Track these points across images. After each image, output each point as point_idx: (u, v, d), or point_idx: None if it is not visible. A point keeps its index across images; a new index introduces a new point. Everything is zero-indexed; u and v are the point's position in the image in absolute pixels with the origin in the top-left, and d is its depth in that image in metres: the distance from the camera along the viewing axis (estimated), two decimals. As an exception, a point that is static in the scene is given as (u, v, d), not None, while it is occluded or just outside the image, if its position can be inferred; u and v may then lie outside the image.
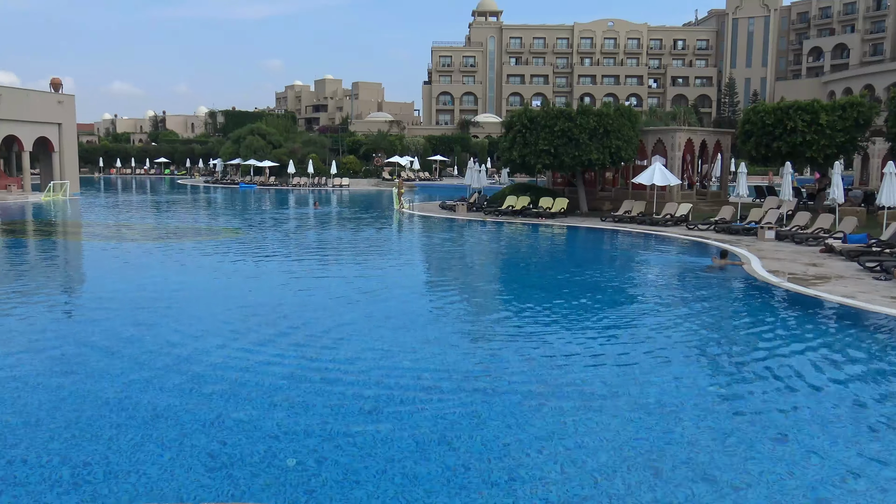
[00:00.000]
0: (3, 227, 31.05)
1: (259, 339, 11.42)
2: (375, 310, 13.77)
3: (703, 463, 6.94)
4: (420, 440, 7.41)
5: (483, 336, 12.10)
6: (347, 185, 67.39)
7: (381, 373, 9.65)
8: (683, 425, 7.88)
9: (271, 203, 47.79)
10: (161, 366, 9.82)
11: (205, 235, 28.11)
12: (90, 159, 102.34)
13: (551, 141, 32.41)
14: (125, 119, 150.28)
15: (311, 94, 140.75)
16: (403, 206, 40.16)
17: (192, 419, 7.87)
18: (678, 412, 8.27)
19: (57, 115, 52.10)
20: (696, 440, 7.49)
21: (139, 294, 15.14)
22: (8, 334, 11.76)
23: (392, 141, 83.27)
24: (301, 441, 7.35)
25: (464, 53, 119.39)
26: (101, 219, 35.58)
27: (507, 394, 8.86)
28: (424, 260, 22.78)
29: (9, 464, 6.71)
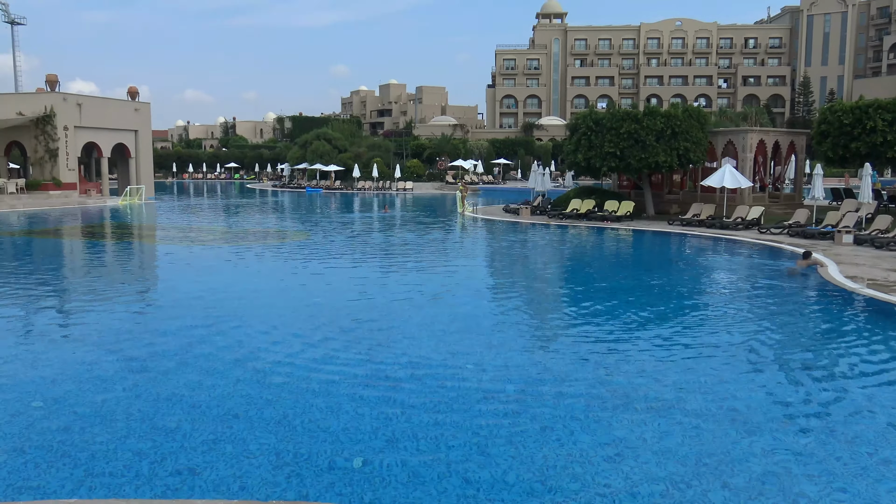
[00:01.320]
0: (83, 230, 32.42)
1: (324, 340, 11.58)
2: (439, 313, 13.80)
3: (779, 475, 6.70)
4: (483, 444, 7.37)
5: (548, 341, 11.99)
6: (411, 188, 67.87)
7: (444, 376, 9.66)
8: (758, 437, 7.62)
9: (337, 206, 48.54)
10: (231, 365, 10.06)
11: (272, 238, 28.73)
12: (164, 164, 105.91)
13: (617, 143, 31.94)
14: (197, 125, 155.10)
15: (376, 98, 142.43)
16: (467, 209, 40.19)
17: (259, 418, 8.03)
18: (750, 422, 8.00)
19: (134, 122, 54.13)
20: (773, 451, 7.23)
21: (210, 295, 15.55)
22: (87, 333, 12.25)
23: (455, 144, 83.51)
24: (366, 442, 7.41)
25: (528, 56, 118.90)
26: (175, 222, 36.77)
27: (572, 399, 8.74)
28: (488, 263, 22.74)
29: (91, 457, 6.97)
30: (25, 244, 27.11)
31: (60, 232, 31.42)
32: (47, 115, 47.37)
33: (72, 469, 6.71)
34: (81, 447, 7.19)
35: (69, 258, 24.08)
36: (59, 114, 47.59)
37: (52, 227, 33.21)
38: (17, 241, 28.07)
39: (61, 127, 47.75)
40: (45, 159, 47.97)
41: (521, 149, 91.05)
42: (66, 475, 6.58)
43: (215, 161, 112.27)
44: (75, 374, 9.64)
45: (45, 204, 44.43)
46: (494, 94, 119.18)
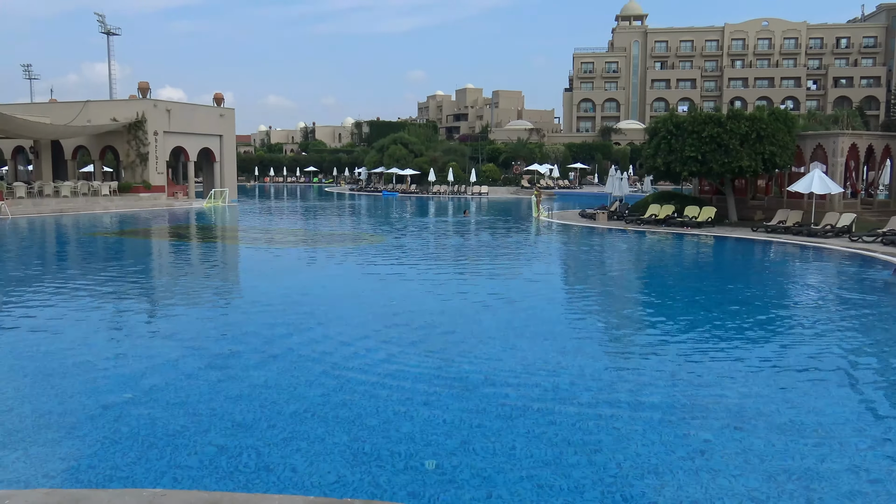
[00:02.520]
0: (170, 231, 33.75)
1: (399, 341, 11.67)
2: (514, 318, 13.72)
3: (866, 495, 6.35)
4: (557, 451, 7.27)
5: (624, 349, 11.75)
6: (486, 192, 67.86)
7: (518, 381, 9.59)
8: (846, 454, 7.25)
9: (413, 210, 48.98)
10: (307, 364, 10.25)
11: (350, 241, 29.20)
12: (246, 168, 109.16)
13: (699, 147, 31.12)
14: (278, 130, 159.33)
15: (452, 103, 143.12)
16: (542, 214, 39.89)
17: (335, 417, 8.15)
18: (839, 439, 7.62)
19: (219, 127, 56.05)
20: (861, 470, 6.86)
21: (288, 296, 15.91)
22: (174, 329, 12.72)
23: (531, 149, 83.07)
24: (440, 444, 7.42)
25: (606, 59, 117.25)
26: (256, 224, 37.85)
27: (648, 409, 8.53)
28: (563, 268, 22.48)
29: (174, 449, 7.21)
30: (117, 244, 28.40)
31: (149, 233, 32.79)
32: (139, 121, 49.57)
33: (157, 460, 6.96)
34: (166, 439, 7.45)
35: (157, 258, 25.10)
36: (149, 119, 49.73)
37: (141, 227, 34.71)
38: (109, 240, 29.43)
39: (151, 132, 49.88)
40: (136, 163, 50.19)
41: (599, 153, 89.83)
42: (152, 466, 6.83)
43: (295, 165, 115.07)
44: (162, 369, 10.01)
45: (136, 206, 46.46)
46: (571, 98, 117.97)
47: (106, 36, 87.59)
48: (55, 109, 52.64)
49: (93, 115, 50.30)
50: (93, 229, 33.04)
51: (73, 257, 24.38)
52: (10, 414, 8.14)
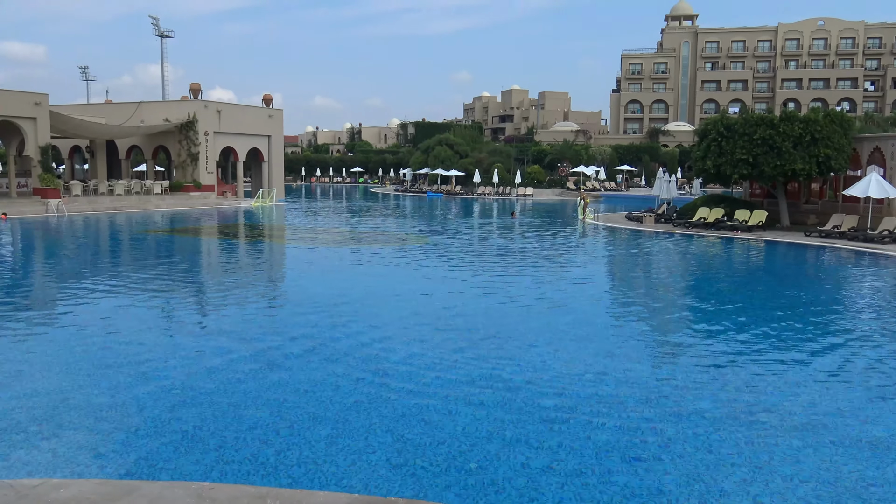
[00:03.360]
0: (219, 229, 34.38)
1: (443, 342, 11.67)
2: (558, 320, 13.61)
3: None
4: (602, 455, 7.17)
5: (670, 353, 11.55)
6: (531, 194, 67.56)
7: (562, 383, 9.50)
8: None
9: (457, 211, 49.00)
10: (353, 363, 10.32)
11: (394, 241, 29.35)
12: (293, 168, 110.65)
13: (750, 150, 30.48)
14: (325, 131, 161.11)
15: (498, 104, 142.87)
16: (588, 216, 39.54)
17: (379, 416, 8.18)
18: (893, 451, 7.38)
19: (267, 128, 56.93)
20: (921, 484, 6.62)
21: (334, 295, 16.05)
22: (222, 326, 12.94)
23: (577, 150, 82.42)
24: (483, 445, 7.39)
25: (655, 60, 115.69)
26: (302, 223, 38.31)
27: (694, 415, 8.37)
28: (609, 271, 22.23)
29: (220, 446, 7.33)
30: (168, 242, 29.04)
31: (199, 231, 33.45)
32: (190, 122, 50.64)
33: (204, 454, 7.07)
34: (214, 434, 7.58)
35: (206, 256, 25.58)
36: (200, 120, 50.76)
37: (191, 226, 35.43)
38: (160, 238, 30.11)
39: (202, 132, 50.90)
40: (187, 163, 51.28)
41: (646, 155, 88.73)
42: (199, 459, 6.95)
43: (341, 165, 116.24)
44: (211, 365, 10.19)
45: (186, 204, 47.46)
46: (619, 100, 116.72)
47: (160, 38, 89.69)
48: (110, 110, 54.15)
49: (146, 116, 51.58)
50: (144, 227, 33.85)
51: (126, 254, 25.01)
52: (66, 405, 8.37)
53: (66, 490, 5.50)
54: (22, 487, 5.58)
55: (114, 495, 5.39)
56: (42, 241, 28.20)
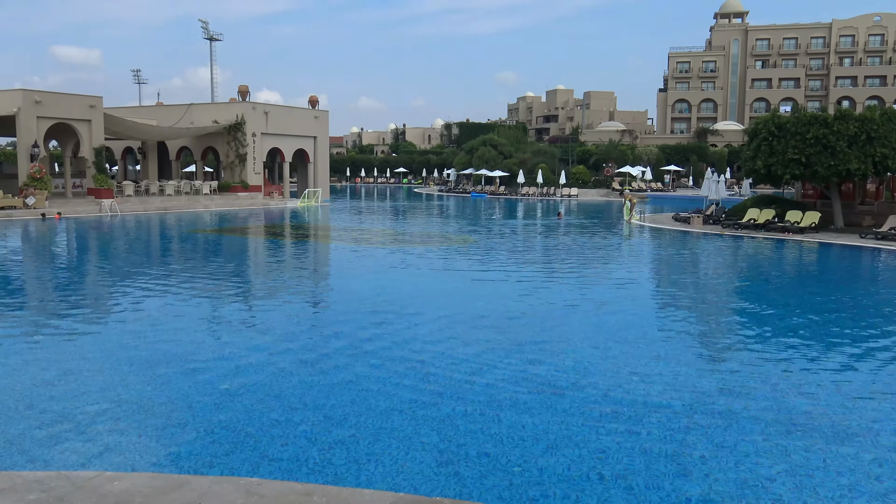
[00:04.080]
0: (266, 229, 34.91)
1: (487, 343, 11.64)
2: (604, 321, 13.46)
3: None
4: (649, 460, 7.07)
5: (719, 357, 11.33)
6: (576, 195, 67.06)
7: (608, 386, 9.39)
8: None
9: (501, 211, 48.89)
10: (397, 363, 10.37)
11: (438, 242, 29.40)
12: (338, 169, 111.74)
13: (802, 149, 29.74)
14: (370, 132, 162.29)
15: (543, 104, 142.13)
16: (634, 217, 39.06)
17: (423, 415, 8.20)
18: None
19: (313, 129, 57.58)
20: None
21: (378, 294, 16.14)
22: (268, 324, 13.13)
23: (623, 151, 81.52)
24: (527, 447, 7.35)
25: (703, 58, 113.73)
26: (347, 223, 38.66)
27: (746, 420, 8.19)
28: (655, 273, 21.92)
29: (269, 440, 7.43)
30: (216, 241, 29.58)
31: (246, 230, 34.01)
32: (238, 123, 51.51)
33: (252, 450, 7.18)
34: (261, 430, 7.68)
35: (253, 255, 25.99)
36: (248, 122, 51.60)
37: (239, 225, 36.04)
38: (209, 237, 30.69)
39: (250, 134, 51.73)
40: (235, 163, 52.18)
41: (694, 155, 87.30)
42: (247, 455, 7.05)
43: (385, 166, 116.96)
44: (257, 361, 10.34)
45: (234, 204, 48.29)
46: (666, 99, 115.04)
47: (209, 41, 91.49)
48: (161, 112, 55.43)
49: (195, 118, 52.64)
50: (194, 227, 34.55)
51: (176, 253, 25.55)
52: (118, 401, 8.58)
53: (120, 483, 5.64)
54: (78, 479, 5.74)
55: (165, 489, 5.51)
56: (95, 240, 28.99)
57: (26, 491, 5.44)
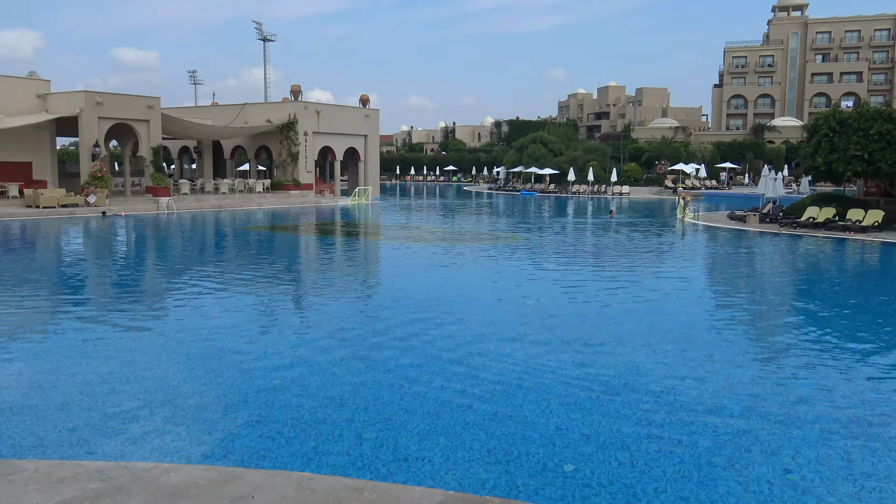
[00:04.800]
0: (317, 227, 35.35)
1: (535, 341, 11.57)
2: (656, 321, 13.24)
3: None
4: (703, 463, 6.92)
5: (775, 359, 11.03)
6: (628, 192, 66.17)
7: (661, 387, 9.23)
8: None
9: (552, 210, 48.55)
10: (446, 360, 10.37)
11: (488, 240, 29.35)
12: (388, 167, 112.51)
13: (865, 146, 28.78)
14: (420, 130, 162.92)
15: (594, 101, 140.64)
16: (687, 215, 38.35)
17: (473, 414, 8.18)
18: None
19: (364, 127, 58.07)
20: None
21: (428, 292, 16.19)
22: (319, 320, 13.28)
23: (676, 148, 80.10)
24: (578, 447, 7.27)
25: (760, 53, 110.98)
26: (397, 221, 38.89)
27: (803, 424, 7.95)
28: (709, 272, 21.48)
29: (319, 436, 7.51)
30: (269, 238, 30.08)
31: (298, 228, 34.49)
32: (290, 122, 52.28)
33: (303, 445, 7.27)
34: (312, 426, 7.77)
35: (305, 252, 26.34)
36: (300, 121, 52.32)
37: (291, 223, 36.57)
38: (262, 235, 31.22)
39: (302, 132, 52.45)
40: (287, 162, 52.98)
41: (750, 152, 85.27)
42: (298, 450, 7.14)
43: (435, 164, 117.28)
44: (309, 358, 10.47)
45: (286, 202, 49.03)
46: (721, 95, 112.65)
47: (262, 42, 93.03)
48: (216, 112, 56.60)
49: (249, 117, 53.61)
50: (247, 224, 35.19)
51: (230, 250, 26.07)
52: (175, 394, 8.78)
53: (176, 474, 5.77)
54: (136, 469, 5.89)
55: (219, 481, 5.61)
56: (154, 237, 29.77)
57: (87, 480, 5.61)
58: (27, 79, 43.31)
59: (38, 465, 6.08)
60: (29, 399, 8.53)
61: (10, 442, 7.22)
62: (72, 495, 5.30)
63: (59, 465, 6.13)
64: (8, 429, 7.58)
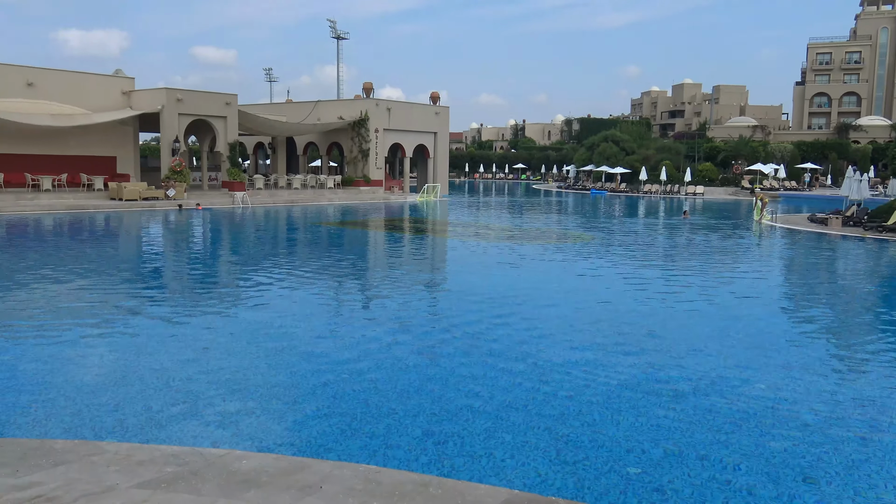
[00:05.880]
0: (386, 223, 35.72)
1: (604, 343, 11.40)
2: (731, 326, 12.87)
3: None
4: (776, 472, 6.69)
5: (857, 369, 10.57)
6: (702, 193, 64.50)
7: (733, 393, 8.97)
8: None
9: (623, 209, 47.76)
10: (512, 359, 10.33)
11: (557, 238, 29.08)
12: (457, 164, 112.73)
13: (959, 146, 27.22)
14: (489, 128, 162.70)
15: (668, 99, 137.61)
16: (765, 217, 37.11)
17: (538, 413, 8.12)
18: None
19: (434, 125, 58.33)
20: None
21: (495, 290, 16.14)
22: (387, 315, 13.41)
23: (754, 147, 77.62)
24: (645, 451, 7.13)
25: (847, 49, 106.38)
26: (465, 219, 38.94)
27: (889, 435, 7.59)
28: (787, 276, 20.74)
29: (386, 430, 7.59)
30: (339, 233, 30.56)
31: (367, 224, 34.94)
32: (362, 119, 52.95)
33: (369, 438, 7.35)
34: (378, 420, 7.86)
35: (374, 248, 26.66)
36: (371, 118, 52.94)
37: (360, 219, 37.07)
38: (332, 230, 31.75)
39: (373, 129, 53.06)
40: (358, 158, 53.69)
41: (833, 152, 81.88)
42: (364, 443, 7.23)
43: (504, 162, 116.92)
44: (376, 353, 10.59)
45: (356, 198, 49.70)
46: (803, 92, 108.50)
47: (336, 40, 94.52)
48: (290, 109, 57.81)
49: (322, 114, 54.55)
50: (318, 219, 35.84)
51: (301, 244, 26.61)
52: (247, 383, 9.02)
53: (248, 461, 5.92)
54: (210, 455, 6.08)
55: (289, 470, 5.73)
56: (228, 230, 30.65)
57: (164, 464, 5.81)
58: (113, 77, 45.15)
59: (118, 447, 6.34)
60: (110, 383, 8.90)
61: (91, 424, 7.55)
62: (150, 478, 5.50)
63: (137, 448, 6.38)
64: (90, 411, 7.92)
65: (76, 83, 42.09)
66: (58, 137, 40.71)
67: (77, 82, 42.21)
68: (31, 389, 8.62)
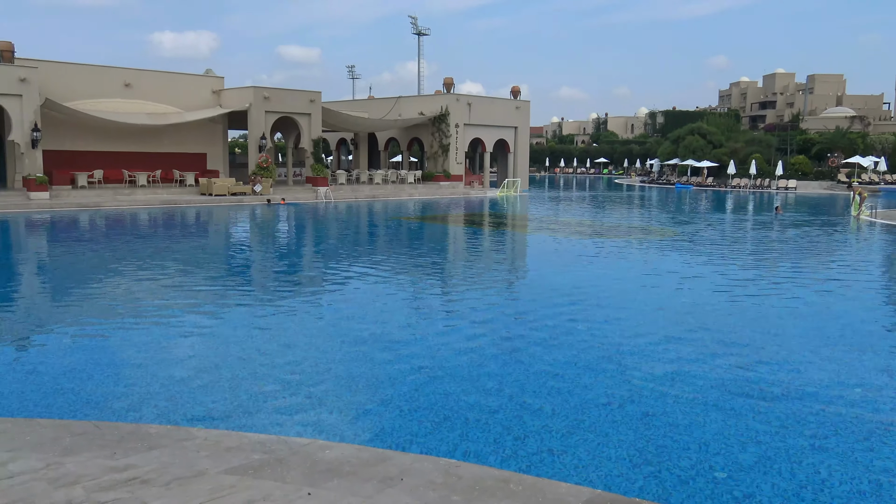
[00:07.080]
0: (466, 218, 35.79)
1: (691, 342, 11.08)
2: (825, 326, 12.30)
3: None
4: (876, 481, 6.34)
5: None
6: (794, 187, 61.92)
7: (828, 397, 8.56)
8: None
9: (710, 204, 46.35)
10: (594, 356, 10.17)
11: (640, 234, 28.47)
12: (538, 159, 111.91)
13: None
14: (570, 122, 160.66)
15: (758, 90, 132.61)
16: (863, 212, 35.29)
17: (620, 412, 7.96)
18: None
19: (514, 119, 58.02)
20: None
21: (576, 286, 15.93)
22: (467, 311, 13.43)
23: (852, 139, 73.89)
24: (734, 455, 6.89)
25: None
26: (546, 214, 38.59)
27: None
28: (888, 276, 19.65)
29: (466, 424, 7.59)
30: (420, 228, 30.82)
31: (448, 219, 35.10)
32: (442, 115, 53.18)
33: (449, 432, 7.37)
34: (458, 414, 7.87)
35: (453, 243, 26.76)
36: (451, 113, 53.10)
37: (441, 213, 37.27)
38: (413, 225, 32.05)
39: (453, 125, 53.22)
40: (438, 153, 53.97)
41: (940, 143, 77.09)
42: (444, 437, 7.25)
43: (585, 156, 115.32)
44: (457, 347, 10.61)
45: (436, 193, 49.99)
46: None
47: (417, 36, 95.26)
48: (372, 105, 58.63)
49: (403, 110, 55.08)
50: (399, 214, 36.23)
51: (382, 239, 26.96)
52: (329, 375, 9.20)
53: (331, 451, 6.03)
54: (294, 444, 6.22)
55: (370, 461, 5.81)
56: (312, 225, 31.37)
57: (251, 451, 5.99)
58: (204, 76, 46.84)
59: (207, 433, 6.57)
60: (201, 372, 9.24)
61: (182, 410, 7.86)
62: (238, 464, 5.68)
63: (225, 434, 6.59)
64: (182, 398, 8.24)
65: (169, 83, 43.89)
66: (153, 135, 42.58)
67: (170, 82, 44.00)
68: (128, 375, 9.04)
